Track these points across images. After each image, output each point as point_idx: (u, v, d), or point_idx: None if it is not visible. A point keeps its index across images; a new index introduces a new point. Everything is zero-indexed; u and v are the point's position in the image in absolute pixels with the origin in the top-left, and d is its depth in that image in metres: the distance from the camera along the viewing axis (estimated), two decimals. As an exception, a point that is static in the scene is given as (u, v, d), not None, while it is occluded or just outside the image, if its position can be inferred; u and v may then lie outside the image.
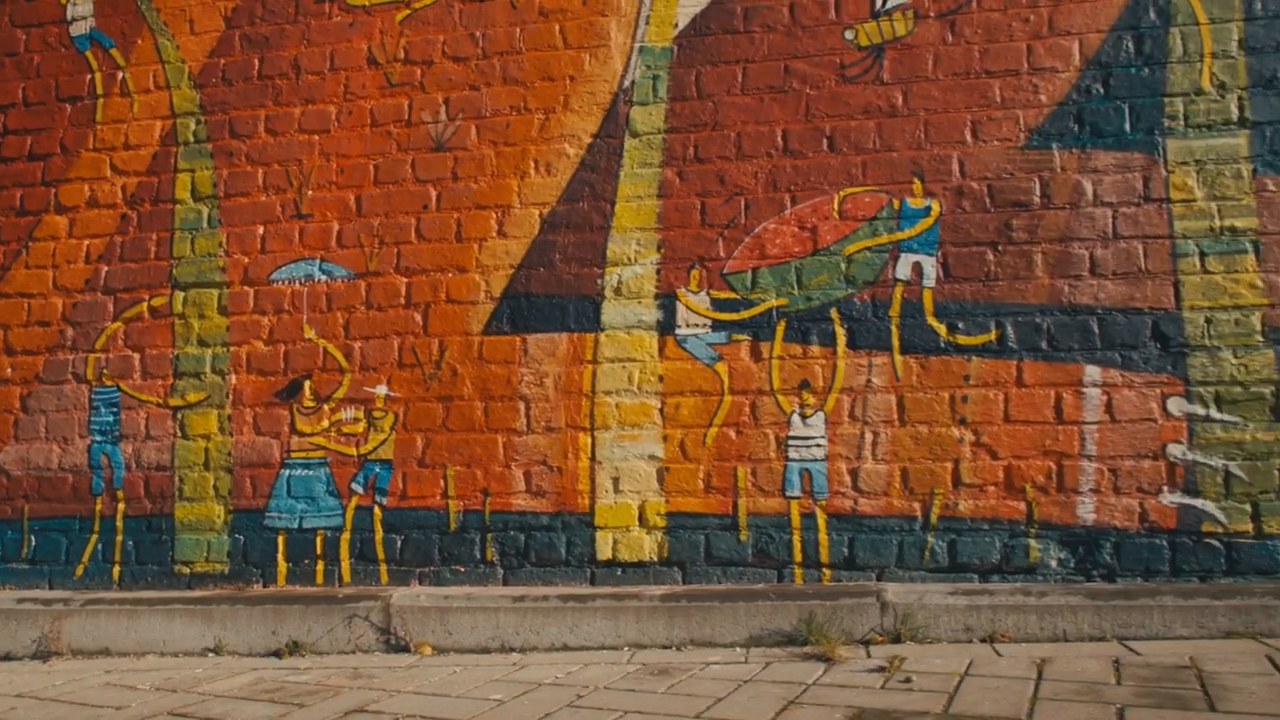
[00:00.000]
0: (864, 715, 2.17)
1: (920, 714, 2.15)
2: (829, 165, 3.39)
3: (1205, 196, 3.12)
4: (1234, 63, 3.16)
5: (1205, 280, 3.09)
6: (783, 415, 3.31)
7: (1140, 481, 3.06)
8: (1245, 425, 3.02)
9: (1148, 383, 3.09)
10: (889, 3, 3.41)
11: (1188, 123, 3.17)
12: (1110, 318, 3.14)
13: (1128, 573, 3.04)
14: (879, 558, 3.19)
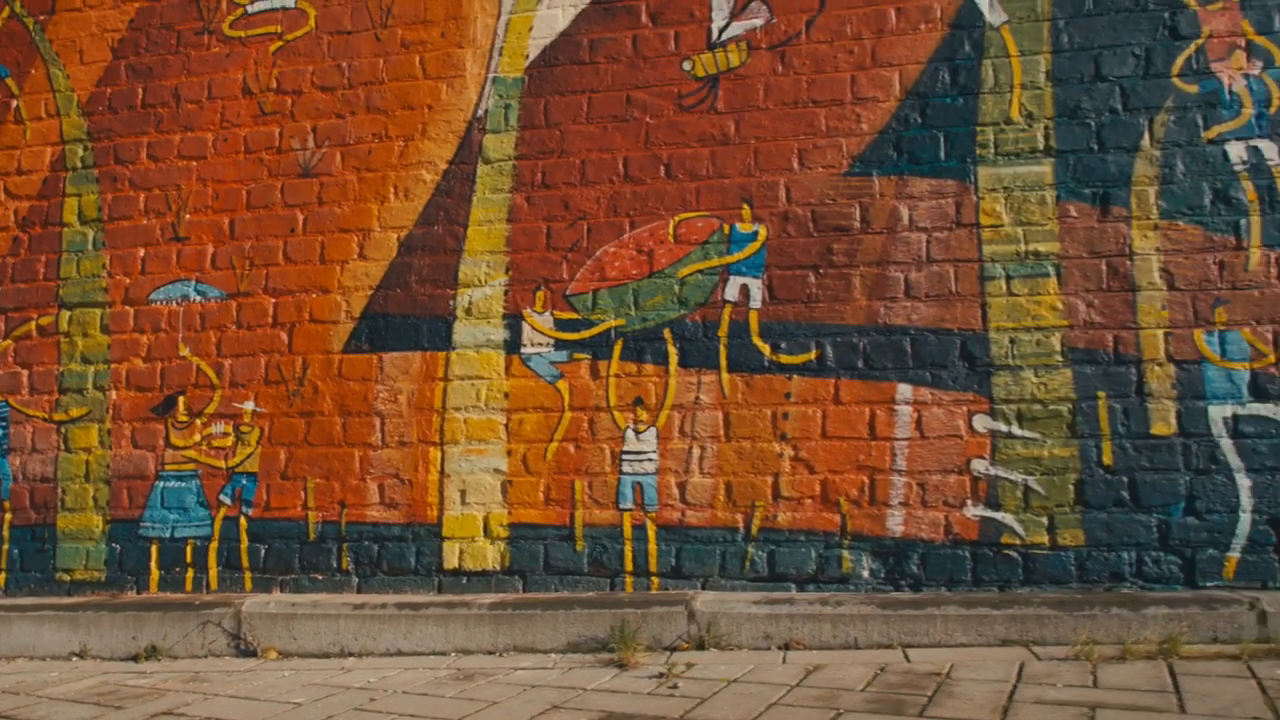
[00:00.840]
0: (611, 718, 2.32)
1: (659, 718, 2.30)
2: (666, 191, 3.54)
3: (1012, 222, 3.26)
4: (1041, 93, 3.30)
5: (1010, 302, 3.23)
6: (618, 431, 3.46)
7: (946, 495, 3.20)
8: (1044, 442, 3.16)
9: (955, 400, 3.23)
10: (724, 35, 3.56)
11: (998, 151, 3.30)
12: (922, 338, 3.28)
13: (933, 582, 3.18)
14: (704, 567, 3.34)
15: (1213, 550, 3.01)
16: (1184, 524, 3.04)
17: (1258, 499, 3.00)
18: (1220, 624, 2.74)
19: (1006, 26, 3.35)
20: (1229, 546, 3.00)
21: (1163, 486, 3.06)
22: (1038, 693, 2.33)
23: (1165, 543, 3.05)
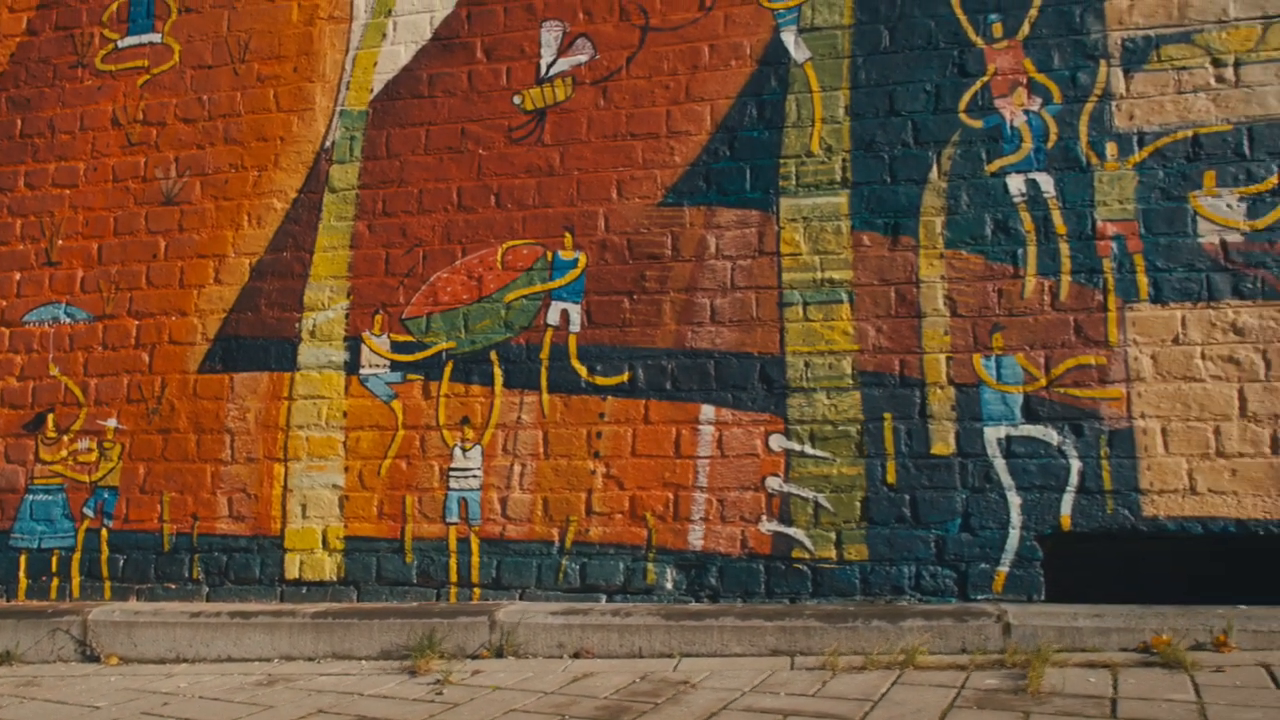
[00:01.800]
0: None
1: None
2: (495, 220, 3.71)
3: (810, 250, 3.42)
4: (840, 127, 3.46)
5: (806, 327, 3.39)
6: (446, 448, 3.64)
7: (743, 511, 3.37)
8: (834, 460, 3.32)
9: (754, 421, 3.40)
10: (551, 70, 3.73)
11: (799, 183, 3.47)
12: (725, 361, 3.44)
13: (729, 594, 3.35)
14: (522, 578, 3.52)
15: (985, 565, 3.17)
16: (959, 540, 3.19)
17: (1026, 516, 3.15)
18: (969, 635, 2.89)
19: (810, 63, 3.51)
20: (999, 561, 3.16)
21: (941, 504, 3.22)
22: (754, 700, 2.49)
23: (942, 557, 3.21)
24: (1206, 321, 3.10)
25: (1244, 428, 3.04)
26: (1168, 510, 3.06)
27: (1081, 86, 3.29)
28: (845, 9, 3.50)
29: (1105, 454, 3.12)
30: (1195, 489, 3.05)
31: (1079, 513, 3.12)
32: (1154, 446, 3.09)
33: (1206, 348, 3.10)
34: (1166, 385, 3.11)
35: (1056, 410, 3.17)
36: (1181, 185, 3.17)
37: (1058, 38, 3.32)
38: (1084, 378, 3.17)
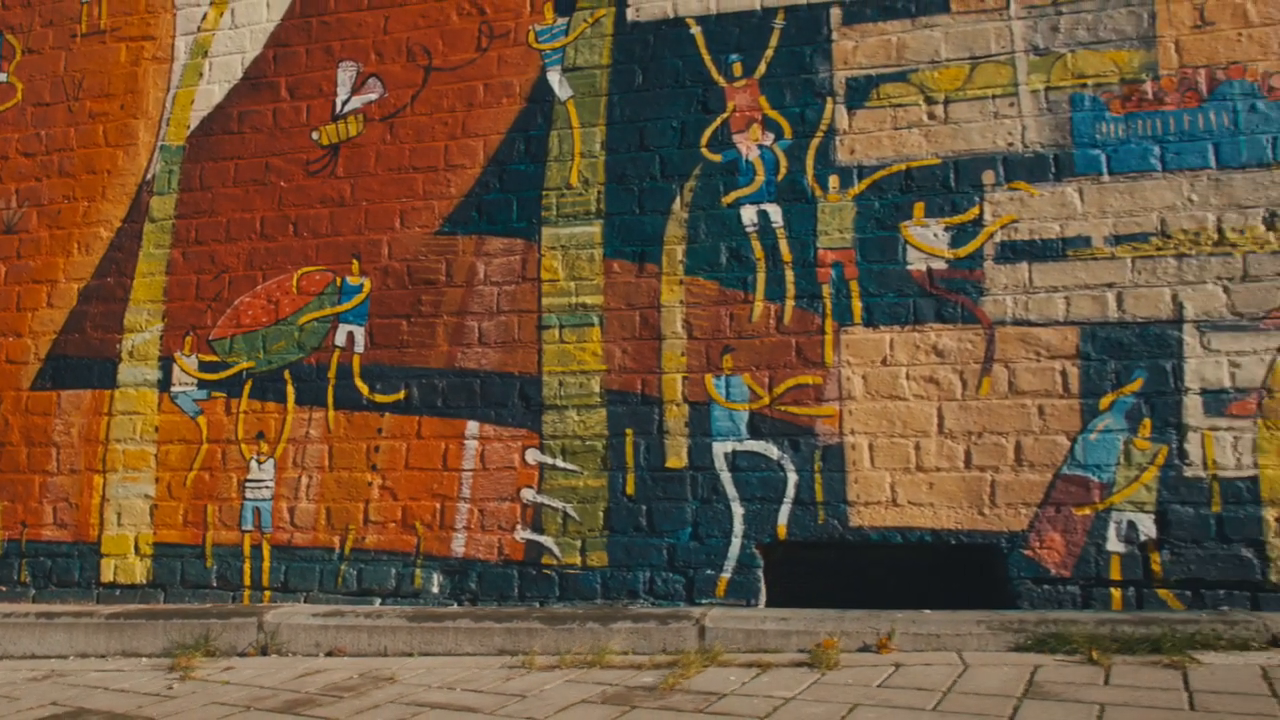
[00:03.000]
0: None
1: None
2: (292, 248, 3.98)
3: (567, 277, 3.66)
4: (596, 161, 3.70)
5: (561, 349, 3.63)
6: (244, 461, 3.91)
7: (501, 520, 3.61)
8: (581, 473, 3.56)
9: (513, 436, 3.64)
10: (345, 108, 4.00)
11: (558, 213, 3.71)
12: (490, 380, 3.69)
13: (488, 598, 3.59)
14: (306, 583, 3.78)
15: (710, 571, 3.40)
16: (689, 547, 3.42)
17: (748, 525, 3.38)
18: (669, 637, 3.12)
19: (572, 101, 3.75)
20: (723, 568, 3.38)
21: (674, 514, 3.45)
22: (425, 695, 2.74)
23: (673, 564, 3.43)
24: (912, 344, 3.31)
25: (941, 444, 3.25)
26: (872, 520, 3.28)
27: (809, 123, 3.51)
28: (605, 50, 3.74)
29: (819, 468, 3.34)
30: (897, 501, 3.26)
31: (794, 523, 3.34)
32: (861, 461, 3.31)
33: (911, 368, 3.30)
34: (875, 404, 3.32)
35: (777, 427, 3.39)
36: (894, 216, 3.39)
37: (790, 77, 3.54)
38: (803, 396, 3.39)
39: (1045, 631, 2.83)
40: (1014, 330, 3.24)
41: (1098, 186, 3.23)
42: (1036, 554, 3.13)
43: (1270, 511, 2.98)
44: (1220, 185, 3.13)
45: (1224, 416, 3.05)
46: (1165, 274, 3.14)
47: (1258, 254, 3.08)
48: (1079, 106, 3.28)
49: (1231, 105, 3.15)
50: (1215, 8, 3.21)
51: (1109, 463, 3.11)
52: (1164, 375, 3.10)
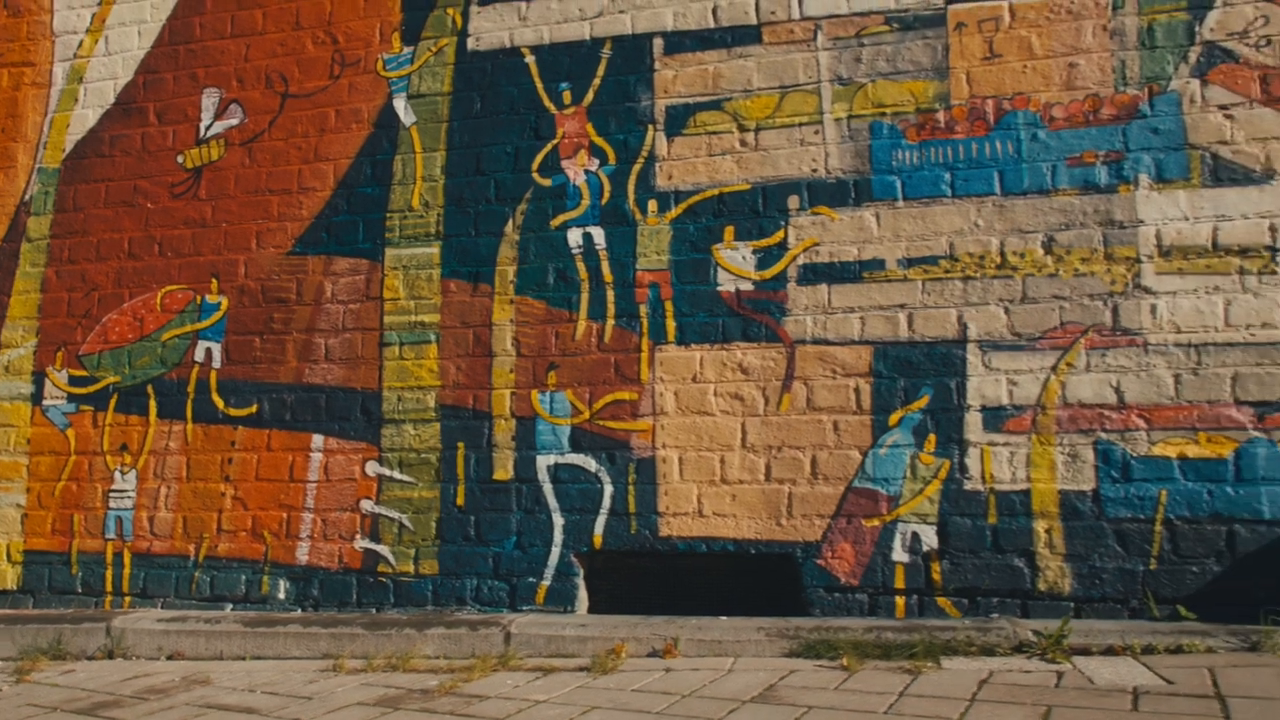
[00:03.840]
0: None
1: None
2: (157, 267, 4.15)
3: (407, 296, 3.82)
4: (437, 185, 3.85)
5: (400, 365, 3.79)
6: (109, 472, 4.08)
7: (342, 530, 3.77)
8: (416, 485, 3.71)
9: (354, 449, 3.80)
10: (209, 132, 4.16)
11: (401, 234, 3.86)
12: (334, 395, 3.85)
13: (328, 603, 3.75)
14: (164, 589, 3.94)
15: (532, 578, 3.55)
16: (512, 556, 3.58)
17: (567, 535, 3.53)
18: (478, 643, 3.27)
19: (415, 126, 3.91)
20: (543, 576, 3.54)
21: (500, 524, 3.61)
22: (225, 697, 2.90)
23: (498, 572, 3.59)
24: (720, 362, 3.47)
25: (744, 457, 3.40)
26: (680, 530, 3.43)
27: (632, 149, 3.66)
28: (446, 77, 3.90)
29: (632, 480, 3.49)
30: (703, 512, 3.41)
31: (609, 533, 3.49)
32: (671, 474, 3.46)
33: (718, 385, 3.46)
34: (685, 419, 3.47)
35: (596, 441, 3.55)
36: (707, 239, 3.54)
37: (615, 105, 3.70)
38: (620, 411, 3.54)
39: (816, 638, 2.98)
40: (813, 349, 3.38)
41: (893, 211, 3.37)
42: (828, 563, 3.28)
43: (1041, 523, 3.12)
44: (1004, 211, 3.28)
45: (1001, 432, 3.19)
46: (952, 295, 3.29)
47: (1036, 277, 3.23)
48: (878, 134, 3.42)
49: (1016, 134, 3.30)
50: (1003, 41, 3.36)
51: (896, 476, 3.26)
52: (948, 393, 3.25)
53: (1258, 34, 3.14)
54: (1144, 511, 3.05)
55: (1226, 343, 3.05)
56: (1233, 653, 2.65)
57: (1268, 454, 2.98)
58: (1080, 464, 3.12)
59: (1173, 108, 3.18)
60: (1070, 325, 3.17)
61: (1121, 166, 3.20)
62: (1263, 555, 2.96)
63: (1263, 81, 3.13)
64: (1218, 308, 3.07)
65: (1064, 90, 3.28)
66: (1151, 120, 3.19)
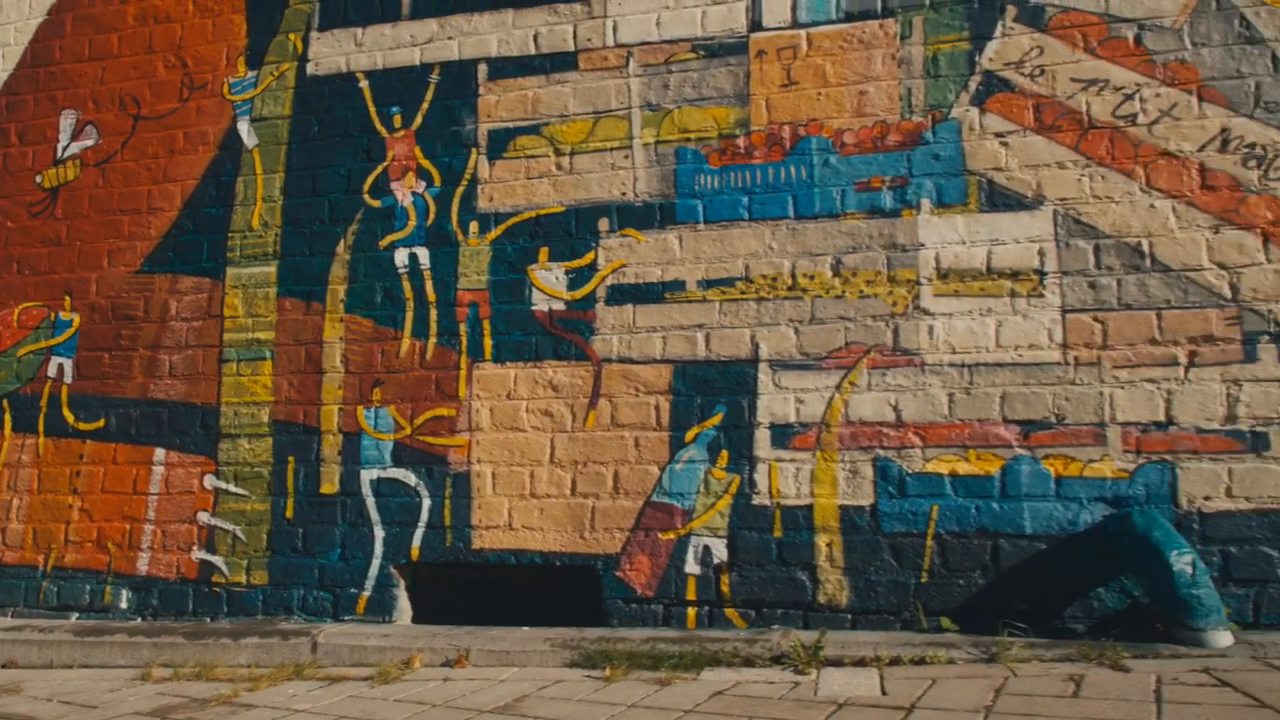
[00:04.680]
0: None
1: None
2: (15, 285, 4.26)
3: (245, 314, 3.93)
4: (275, 205, 3.96)
5: (237, 381, 3.90)
6: (-34, 484, 4.19)
7: (180, 541, 3.88)
8: (250, 497, 3.82)
9: (194, 462, 3.91)
10: (65, 153, 4.27)
11: (241, 254, 3.97)
12: (176, 410, 3.96)
13: (166, 613, 3.86)
14: (14, 599, 4.06)
15: (354, 589, 3.66)
16: (336, 568, 3.69)
17: (387, 548, 3.64)
18: (287, 652, 3.38)
19: (257, 149, 4.02)
20: (364, 586, 3.65)
21: (325, 536, 3.71)
22: (13, 706, 3.01)
23: (323, 583, 3.70)
24: (532, 379, 3.57)
25: (552, 472, 3.51)
26: (491, 543, 3.54)
27: (456, 172, 3.77)
28: (287, 101, 4.01)
29: (449, 494, 3.60)
30: (513, 525, 3.52)
31: (426, 545, 3.60)
32: (485, 488, 3.57)
33: (530, 402, 3.56)
34: (499, 434, 3.58)
35: (416, 456, 3.66)
36: (523, 259, 3.64)
37: (442, 128, 3.80)
38: (439, 427, 3.65)
39: (596, 649, 3.09)
40: (618, 367, 3.49)
41: (695, 234, 3.48)
42: (626, 575, 3.39)
43: (822, 538, 3.23)
44: (796, 234, 3.38)
45: (788, 449, 3.30)
46: (746, 316, 3.39)
47: (824, 298, 3.33)
48: (683, 159, 3.53)
49: (809, 159, 3.40)
50: (800, 68, 3.46)
51: (691, 491, 3.36)
52: (741, 410, 3.36)
53: (1032, 64, 3.24)
54: (917, 526, 3.16)
55: (996, 363, 3.16)
56: (969, 664, 2.76)
57: (1031, 471, 3.09)
58: (860, 480, 3.22)
59: (953, 135, 3.28)
60: (854, 345, 3.28)
61: (905, 191, 3.30)
62: (1024, 569, 3.06)
63: (1036, 110, 3.23)
64: (990, 329, 3.18)
65: (855, 117, 3.38)
66: (934, 147, 3.30)
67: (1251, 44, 3.09)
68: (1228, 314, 3.00)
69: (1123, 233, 3.11)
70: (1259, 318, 2.98)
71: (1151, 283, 3.07)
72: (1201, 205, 3.06)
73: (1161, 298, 3.06)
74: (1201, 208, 3.06)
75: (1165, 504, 2.98)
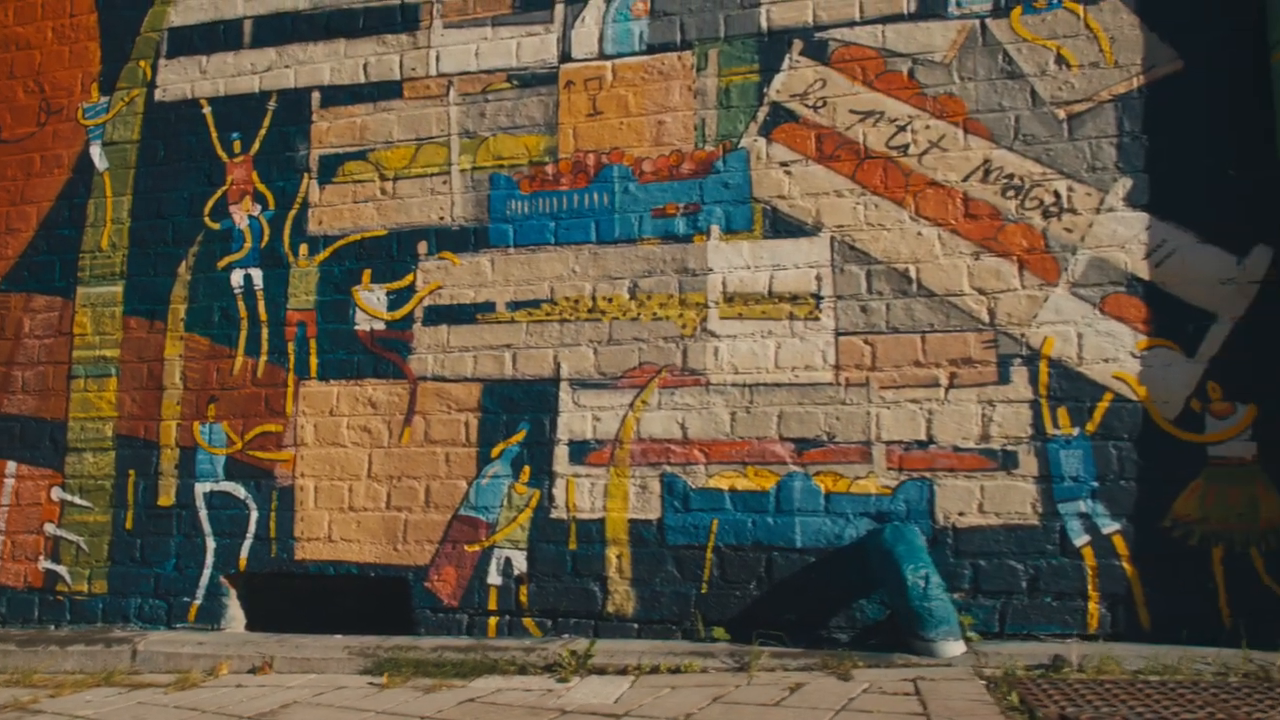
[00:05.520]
0: None
1: None
2: (-118, 302, 4.40)
3: (94, 332, 4.08)
4: (124, 227, 4.11)
5: (84, 397, 4.05)
6: None
7: (28, 551, 4.02)
8: (93, 509, 3.97)
9: (43, 475, 4.05)
10: (-69, 175, 4.41)
11: (91, 274, 4.12)
12: (28, 425, 4.10)
13: (14, 620, 4.00)
14: (-125, 606, 4.20)
15: (186, 598, 3.80)
16: (171, 577, 3.83)
17: (217, 558, 3.78)
18: (110, 658, 3.53)
19: (108, 172, 4.16)
20: (196, 595, 3.79)
21: (162, 547, 3.86)
22: None
23: (158, 592, 3.84)
24: (353, 396, 3.72)
25: (369, 486, 3.65)
26: (313, 554, 3.68)
27: (289, 196, 3.91)
28: (136, 126, 4.15)
29: (275, 507, 3.74)
30: (332, 537, 3.66)
31: (253, 556, 3.75)
32: (308, 501, 3.71)
33: (351, 419, 3.71)
34: (321, 450, 3.72)
35: (246, 470, 3.80)
36: (349, 281, 3.79)
37: (277, 154, 3.95)
38: (267, 443, 3.79)
39: (387, 656, 3.23)
40: (432, 385, 3.63)
41: (505, 258, 3.62)
42: (434, 586, 3.53)
43: (613, 550, 3.37)
44: (598, 258, 3.53)
45: (584, 465, 3.44)
46: (550, 337, 3.53)
47: (621, 320, 3.47)
48: (496, 185, 3.67)
49: (611, 186, 3.54)
50: (605, 99, 3.60)
51: (495, 505, 3.50)
52: (543, 428, 3.50)
53: (816, 96, 3.38)
54: (699, 539, 3.30)
55: (775, 383, 3.30)
56: (720, 672, 2.90)
57: (803, 487, 3.23)
58: (649, 495, 3.36)
59: (742, 164, 3.42)
60: (647, 365, 3.42)
61: (698, 218, 3.44)
62: (794, 581, 3.20)
63: (818, 140, 3.37)
64: (770, 350, 3.32)
65: (654, 146, 3.53)
66: (724, 175, 3.44)
67: (1013, 79, 3.23)
68: (985, 337, 3.14)
69: (893, 259, 3.25)
70: (1013, 341, 3.12)
71: (917, 307, 3.21)
72: (964, 233, 3.20)
73: (926, 321, 3.20)
74: (964, 235, 3.20)
75: (924, 519, 3.12)
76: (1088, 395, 3.04)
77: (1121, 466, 2.99)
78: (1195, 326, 2.99)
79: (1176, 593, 2.92)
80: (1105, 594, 2.97)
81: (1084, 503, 3.00)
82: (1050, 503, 3.03)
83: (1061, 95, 3.18)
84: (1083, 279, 3.09)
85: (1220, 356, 2.96)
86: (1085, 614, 2.97)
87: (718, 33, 3.51)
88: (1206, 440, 2.95)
